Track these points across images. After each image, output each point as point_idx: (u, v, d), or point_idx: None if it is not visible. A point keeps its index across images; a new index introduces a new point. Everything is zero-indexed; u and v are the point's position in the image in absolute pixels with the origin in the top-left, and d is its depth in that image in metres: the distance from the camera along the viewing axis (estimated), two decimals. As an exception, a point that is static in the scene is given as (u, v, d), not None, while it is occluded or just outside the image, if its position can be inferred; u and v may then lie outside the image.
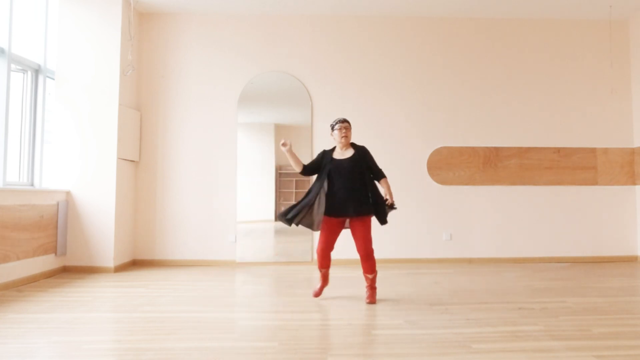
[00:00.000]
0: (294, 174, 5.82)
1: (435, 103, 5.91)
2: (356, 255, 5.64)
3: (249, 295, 3.91)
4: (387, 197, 3.68)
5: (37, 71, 4.96)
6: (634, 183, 5.93)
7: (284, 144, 3.64)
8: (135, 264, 5.60)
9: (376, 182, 3.79)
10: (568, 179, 5.90)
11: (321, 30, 5.92)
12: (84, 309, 3.44)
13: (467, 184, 5.83)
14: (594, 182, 5.90)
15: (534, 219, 5.84)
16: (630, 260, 5.84)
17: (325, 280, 3.84)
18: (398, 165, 5.80)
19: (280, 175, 5.85)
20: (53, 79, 5.19)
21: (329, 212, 3.63)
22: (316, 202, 3.63)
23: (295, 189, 5.83)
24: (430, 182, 5.82)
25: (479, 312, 3.35)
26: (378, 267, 5.42)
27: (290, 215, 3.63)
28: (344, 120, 3.76)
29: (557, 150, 5.91)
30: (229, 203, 5.67)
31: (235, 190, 5.69)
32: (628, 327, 2.98)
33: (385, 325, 3.04)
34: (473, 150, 5.87)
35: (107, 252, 5.05)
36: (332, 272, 5.08)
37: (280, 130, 5.84)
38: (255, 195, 5.79)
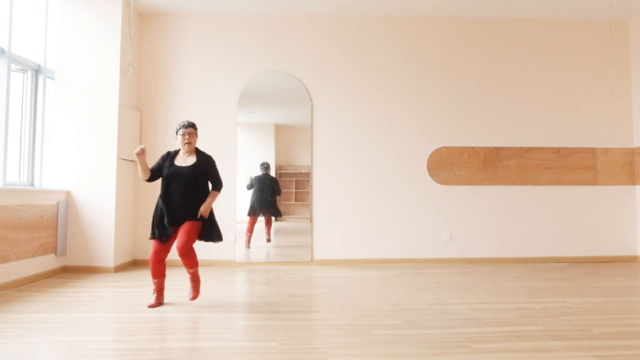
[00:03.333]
0: (294, 174, 5.82)
1: (435, 103, 5.91)
2: (356, 256, 5.68)
3: (249, 295, 3.91)
4: (201, 208, 3.49)
5: (37, 71, 4.96)
6: (634, 183, 5.93)
7: (139, 153, 3.38)
8: (135, 264, 5.59)
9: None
10: (568, 179, 5.90)
11: (321, 30, 5.92)
12: (84, 309, 3.44)
13: (467, 184, 5.83)
14: (594, 182, 5.90)
15: (534, 219, 5.84)
16: (630, 260, 5.84)
17: (160, 292, 3.60)
18: (398, 165, 5.81)
19: (281, 175, 5.85)
20: (53, 79, 5.19)
21: (170, 222, 3.48)
22: (161, 212, 3.50)
23: (295, 189, 5.83)
24: (430, 182, 5.82)
25: (479, 312, 3.35)
26: (379, 266, 5.43)
27: (153, 234, 3.50)
28: (189, 125, 3.57)
29: (557, 150, 5.91)
30: (229, 203, 5.67)
31: (235, 190, 5.69)
32: (628, 327, 2.98)
33: (385, 325, 3.03)
34: (473, 150, 5.87)
35: (107, 252, 5.05)
36: (333, 272, 5.08)
37: (280, 130, 5.84)
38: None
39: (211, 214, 3.61)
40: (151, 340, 2.72)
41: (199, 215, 3.49)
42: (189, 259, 3.49)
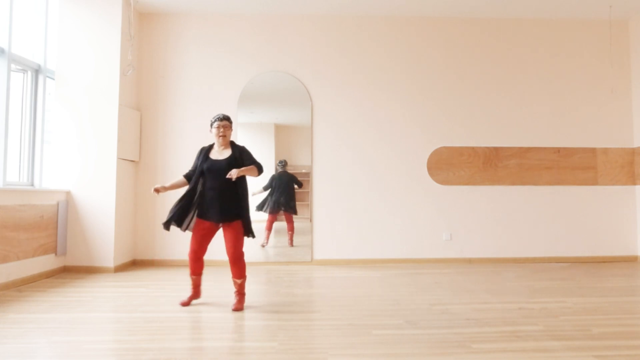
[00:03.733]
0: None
1: (435, 103, 5.91)
2: (356, 256, 5.68)
3: (249, 295, 3.91)
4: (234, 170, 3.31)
5: (37, 71, 4.96)
6: (634, 183, 5.93)
7: (157, 190, 3.42)
8: (135, 264, 5.59)
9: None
10: (568, 179, 5.90)
11: (321, 30, 5.92)
12: (84, 309, 3.44)
13: (467, 184, 5.83)
14: (594, 182, 5.90)
15: (534, 219, 5.84)
16: (630, 260, 5.84)
17: (196, 289, 3.60)
18: (398, 165, 5.81)
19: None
20: (53, 79, 5.19)
21: (200, 214, 3.46)
22: (189, 203, 3.45)
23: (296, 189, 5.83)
24: (430, 182, 5.82)
25: (479, 312, 3.35)
26: (379, 266, 5.42)
27: (166, 219, 3.44)
28: (224, 118, 3.52)
29: (557, 150, 5.91)
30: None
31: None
32: (628, 327, 2.98)
33: (385, 325, 3.03)
34: (473, 150, 5.87)
35: (107, 252, 5.05)
36: (333, 272, 5.08)
37: (280, 130, 5.84)
38: (255, 195, 5.79)
39: (247, 210, 3.49)
40: (151, 340, 2.72)
41: (227, 175, 3.30)
42: (240, 266, 3.47)
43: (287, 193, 5.75)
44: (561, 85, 5.99)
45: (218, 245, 5.62)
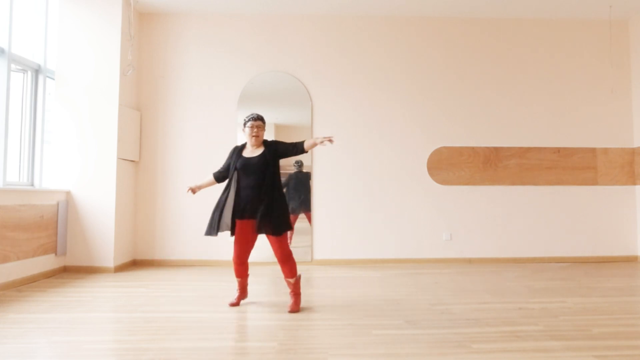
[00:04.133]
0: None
1: (435, 103, 5.91)
2: (356, 256, 5.68)
3: (249, 295, 3.91)
4: (321, 141, 3.28)
5: (37, 71, 4.96)
6: (634, 183, 5.93)
7: (192, 190, 3.60)
8: (135, 264, 5.59)
9: (304, 148, 3.41)
10: (568, 179, 5.90)
11: (321, 30, 5.92)
12: (84, 309, 3.44)
13: (467, 184, 5.83)
14: (594, 182, 5.90)
15: (534, 219, 5.84)
16: (630, 260, 5.84)
17: (242, 290, 3.61)
18: (398, 165, 5.81)
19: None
20: (53, 79, 5.19)
21: (236, 214, 3.40)
22: (223, 204, 3.42)
23: (295, 189, 5.83)
24: (430, 182, 5.82)
25: (479, 312, 3.35)
26: (379, 266, 5.43)
27: (213, 226, 3.40)
28: (258, 118, 3.49)
29: (557, 150, 5.91)
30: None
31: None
32: (628, 327, 2.98)
33: (385, 325, 3.03)
34: (473, 150, 5.87)
35: (107, 252, 5.05)
36: (333, 272, 5.08)
37: (280, 130, 5.84)
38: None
39: (282, 206, 3.42)
40: (151, 340, 2.72)
41: (328, 139, 3.26)
42: (289, 265, 3.41)
43: (307, 192, 5.76)
44: (561, 85, 5.99)
45: (219, 245, 5.65)
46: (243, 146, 3.58)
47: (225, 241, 5.64)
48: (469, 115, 5.91)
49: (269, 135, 5.87)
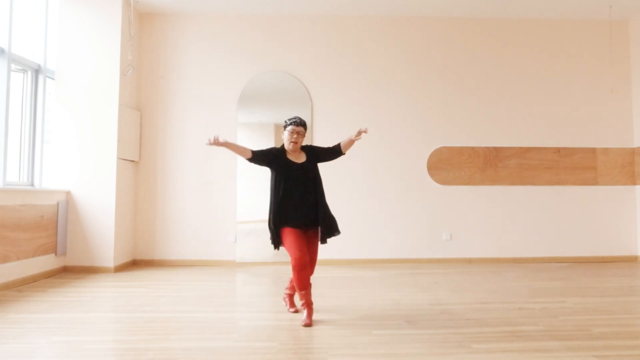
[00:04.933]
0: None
1: (435, 103, 5.90)
2: (356, 256, 5.68)
3: (249, 295, 3.91)
4: (357, 135, 3.43)
5: (37, 71, 4.96)
6: (634, 183, 5.93)
7: (215, 142, 3.11)
8: (135, 264, 5.59)
9: (341, 150, 3.51)
10: (568, 179, 5.89)
11: (321, 30, 5.92)
12: (84, 309, 3.44)
13: (467, 184, 5.83)
14: (594, 182, 5.90)
15: (534, 219, 5.84)
16: (630, 260, 5.84)
17: (309, 306, 3.12)
18: (398, 165, 5.81)
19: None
20: (53, 79, 5.19)
21: (283, 221, 3.22)
22: (272, 214, 3.24)
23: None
24: (430, 182, 5.82)
25: (479, 312, 3.35)
26: (379, 266, 5.42)
27: (276, 238, 3.28)
28: (301, 124, 3.29)
29: (557, 150, 5.91)
30: (229, 203, 5.67)
31: (235, 190, 5.69)
32: (628, 327, 2.98)
33: (385, 325, 3.03)
34: (473, 150, 5.87)
35: (107, 252, 5.05)
36: (333, 272, 5.08)
37: (280, 130, 5.82)
38: (255, 195, 5.78)
39: (327, 212, 3.34)
40: (151, 340, 2.72)
41: (363, 131, 3.40)
42: (313, 267, 3.36)
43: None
44: (561, 85, 5.99)
45: (219, 245, 5.65)
46: (283, 149, 3.35)
47: (226, 241, 5.65)
48: (469, 115, 5.91)
49: (269, 135, 5.91)
